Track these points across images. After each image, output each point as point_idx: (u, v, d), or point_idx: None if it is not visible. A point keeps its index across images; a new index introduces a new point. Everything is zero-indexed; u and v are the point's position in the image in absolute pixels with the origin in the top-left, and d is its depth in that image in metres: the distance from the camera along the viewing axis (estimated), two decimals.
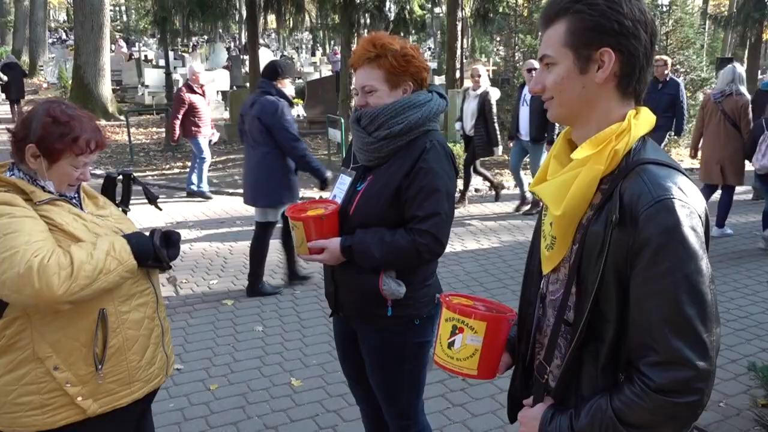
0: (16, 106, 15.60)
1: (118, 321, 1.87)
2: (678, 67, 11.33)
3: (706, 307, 1.15)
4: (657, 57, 6.82)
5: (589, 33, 1.23)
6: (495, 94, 7.70)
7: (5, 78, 15.27)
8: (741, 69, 6.76)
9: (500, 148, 7.67)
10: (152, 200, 2.29)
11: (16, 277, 1.62)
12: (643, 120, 1.28)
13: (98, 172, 10.02)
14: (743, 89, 6.50)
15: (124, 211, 2.17)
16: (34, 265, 1.63)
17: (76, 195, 1.96)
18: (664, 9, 11.97)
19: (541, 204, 1.45)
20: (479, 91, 7.55)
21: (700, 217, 1.19)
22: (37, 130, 1.80)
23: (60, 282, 1.65)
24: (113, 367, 1.87)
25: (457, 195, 7.36)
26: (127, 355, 1.90)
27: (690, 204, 1.17)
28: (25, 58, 26.63)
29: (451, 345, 1.46)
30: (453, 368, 1.47)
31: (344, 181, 2.25)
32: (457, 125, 8.18)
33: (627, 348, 1.22)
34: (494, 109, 7.49)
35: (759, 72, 18.55)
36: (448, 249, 6.28)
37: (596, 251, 1.22)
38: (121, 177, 2.21)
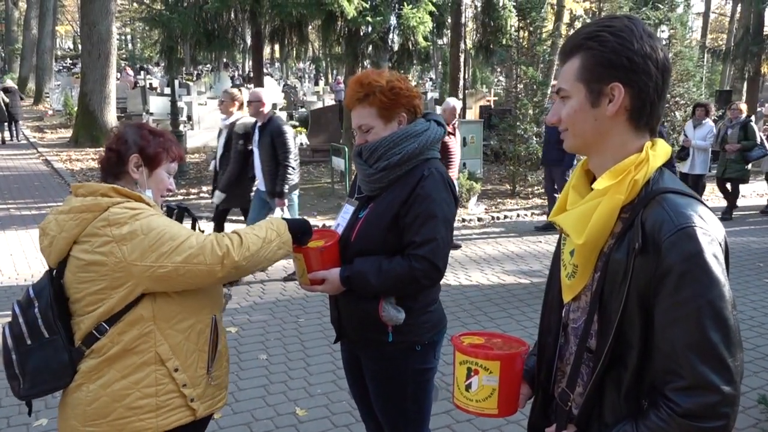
0: (14, 127, 16.75)
1: (220, 328, 2.05)
2: (678, 99, 11.45)
3: (730, 332, 1.17)
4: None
5: (599, 68, 1.28)
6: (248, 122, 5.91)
7: (7, 99, 15.86)
8: None
9: (222, 195, 5.99)
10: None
11: (198, 249, 1.83)
12: (660, 151, 1.31)
13: None
14: None
15: None
16: (213, 239, 1.87)
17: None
18: (664, 42, 12.15)
19: (560, 233, 1.47)
20: (228, 121, 5.99)
21: (720, 245, 1.21)
22: (137, 141, 1.99)
23: (235, 247, 1.88)
24: (216, 371, 2.02)
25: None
26: (223, 361, 2.08)
27: (710, 232, 1.20)
28: (31, 85, 26.95)
29: (468, 387, 1.46)
30: (474, 410, 1.46)
31: (348, 211, 2.30)
32: (212, 164, 6.58)
33: (651, 374, 1.23)
34: (240, 144, 5.84)
35: (758, 105, 18.72)
36: (452, 279, 6.33)
37: (619, 279, 1.24)
38: (176, 209, 2.34)
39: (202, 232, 2.29)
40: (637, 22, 1.30)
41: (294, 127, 16.25)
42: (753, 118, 9.77)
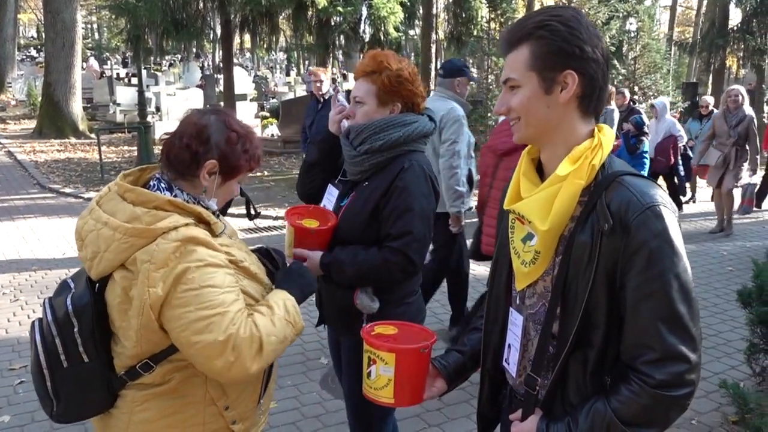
0: None
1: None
2: (646, 90, 11.63)
3: (692, 303, 1.23)
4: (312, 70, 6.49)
5: (552, 57, 1.29)
6: None
7: None
8: None
9: None
10: (256, 215, 2.10)
11: (214, 343, 1.51)
12: (609, 136, 1.35)
13: (67, 190, 9.87)
14: None
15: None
16: (231, 337, 1.52)
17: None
18: (632, 35, 12.31)
19: (506, 222, 1.46)
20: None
21: (678, 222, 1.27)
22: (220, 145, 1.64)
23: (252, 358, 1.56)
24: (265, 399, 1.85)
25: None
26: (271, 385, 1.88)
27: (672, 210, 1.25)
28: None
29: (369, 375, 1.52)
30: (374, 397, 1.52)
31: (332, 193, 2.32)
32: None
33: (619, 350, 1.27)
34: None
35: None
36: None
37: (584, 261, 1.27)
38: None
39: (257, 213, 2.04)
40: (581, 14, 1.32)
41: (264, 118, 16.14)
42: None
